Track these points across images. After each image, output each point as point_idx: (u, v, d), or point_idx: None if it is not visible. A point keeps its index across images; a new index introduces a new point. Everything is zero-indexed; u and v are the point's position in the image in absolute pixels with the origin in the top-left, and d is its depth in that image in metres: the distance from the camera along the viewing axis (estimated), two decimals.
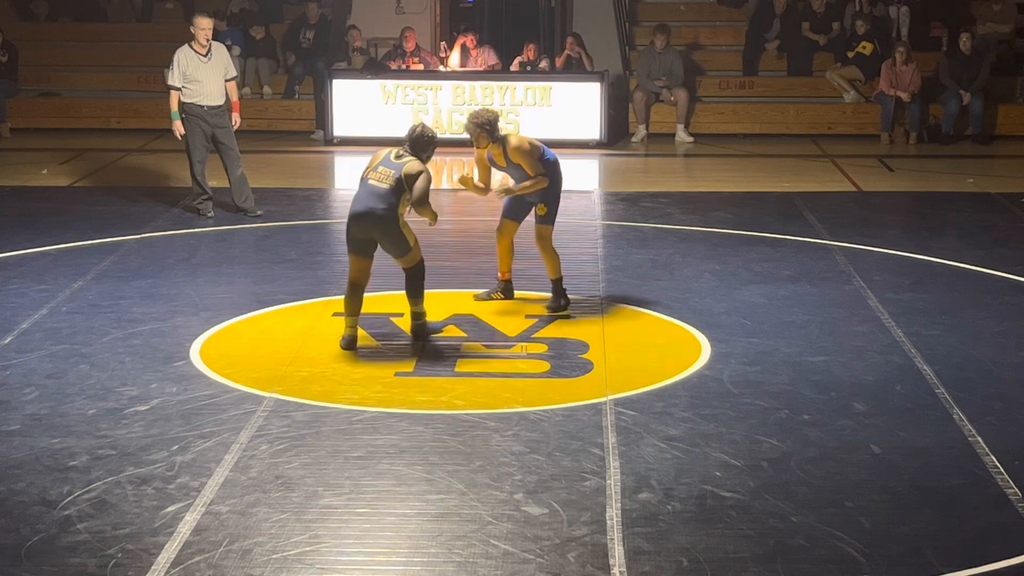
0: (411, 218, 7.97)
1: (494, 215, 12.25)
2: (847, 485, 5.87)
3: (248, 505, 5.61)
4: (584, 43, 16.98)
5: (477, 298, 8.81)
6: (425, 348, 7.83)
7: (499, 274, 8.84)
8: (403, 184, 7.75)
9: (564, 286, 8.60)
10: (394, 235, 7.82)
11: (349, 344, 7.82)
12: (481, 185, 8.67)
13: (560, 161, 8.61)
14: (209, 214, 11.58)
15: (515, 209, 8.69)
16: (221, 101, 11.55)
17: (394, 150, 7.90)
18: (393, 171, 7.79)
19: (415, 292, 8.01)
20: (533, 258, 10.08)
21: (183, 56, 11.40)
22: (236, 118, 11.74)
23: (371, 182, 7.80)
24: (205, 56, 11.43)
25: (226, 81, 11.58)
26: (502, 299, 8.79)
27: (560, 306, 8.54)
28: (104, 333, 8.07)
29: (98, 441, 6.32)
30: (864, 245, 10.48)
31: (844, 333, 8.15)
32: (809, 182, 13.65)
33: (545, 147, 8.56)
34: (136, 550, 5.19)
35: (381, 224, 7.76)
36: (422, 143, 7.88)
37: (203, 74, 11.40)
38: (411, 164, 7.81)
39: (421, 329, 8.04)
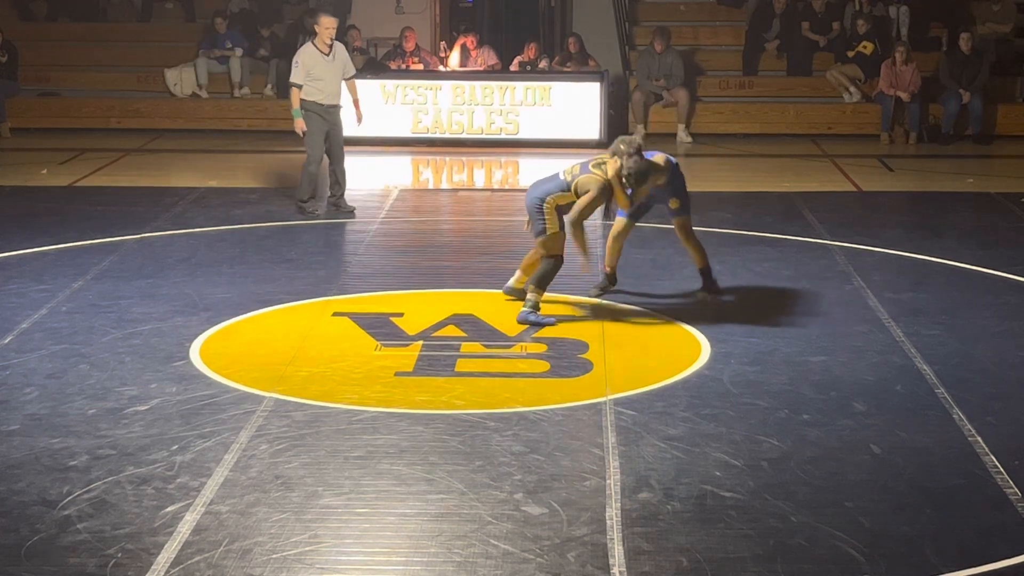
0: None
1: (493, 215, 12.31)
2: (847, 485, 5.87)
3: (248, 505, 5.61)
4: (584, 43, 16.96)
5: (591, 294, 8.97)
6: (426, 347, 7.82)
7: (605, 267, 9.06)
8: (571, 188, 8.30)
9: (713, 277, 8.92)
10: (534, 214, 8.36)
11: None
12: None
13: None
14: (317, 213, 11.56)
15: (635, 212, 8.89)
16: (338, 101, 11.53)
17: (597, 158, 8.40)
18: (579, 171, 8.32)
19: (538, 280, 8.36)
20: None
21: (307, 55, 11.38)
22: (360, 114, 11.70)
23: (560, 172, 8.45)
24: (328, 55, 11.42)
25: (345, 80, 11.59)
26: (601, 293, 8.96)
27: (711, 291, 8.81)
28: (104, 333, 8.07)
29: (98, 441, 6.32)
30: (864, 245, 10.47)
31: (844, 333, 8.15)
32: (809, 182, 13.65)
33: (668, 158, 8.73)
34: (136, 550, 5.19)
35: (527, 205, 8.42)
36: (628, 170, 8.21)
37: (326, 73, 11.39)
38: (586, 178, 8.28)
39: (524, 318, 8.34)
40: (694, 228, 8.94)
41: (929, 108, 16.29)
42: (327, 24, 11.42)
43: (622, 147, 8.23)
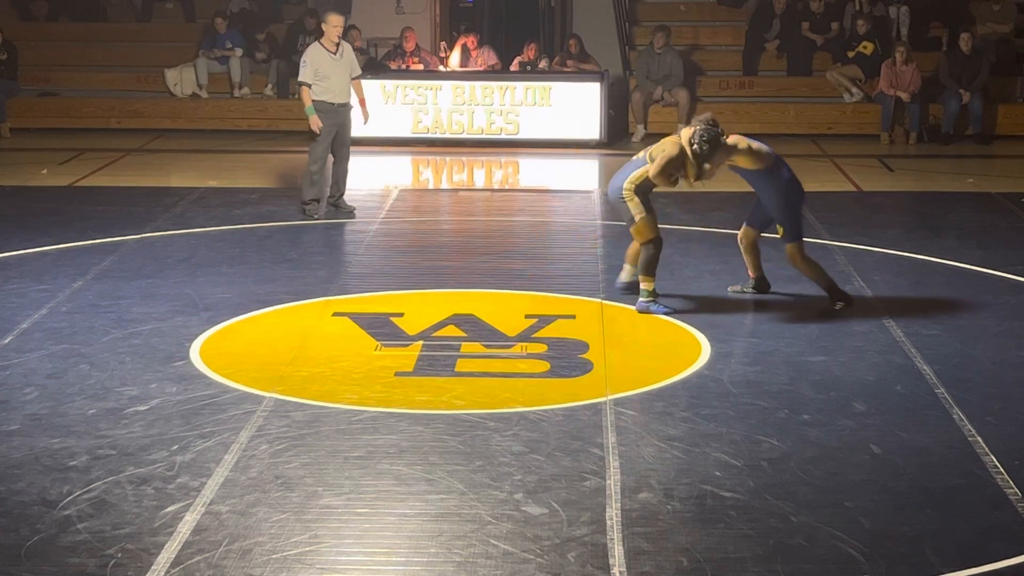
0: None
1: (493, 215, 12.31)
2: (847, 485, 5.87)
3: (248, 505, 5.61)
4: (584, 44, 16.96)
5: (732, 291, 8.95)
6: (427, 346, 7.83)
7: (750, 273, 8.92)
8: (647, 161, 8.40)
9: (839, 288, 8.67)
10: (618, 205, 8.51)
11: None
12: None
13: (787, 177, 8.56)
14: (316, 216, 11.53)
15: (755, 216, 8.78)
16: (347, 99, 11.57)
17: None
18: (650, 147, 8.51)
19: (643, 268, 8.52)
20: (529, 257, 10.10)
21: (314, 53, 11.41)
22: (366, 113, 11.73)
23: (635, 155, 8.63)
24: (335, 54, 11.45)
25: (352, 79, 11.60)
26: (754, 293, 8.88)
27: (840, 302, 8.58)
28: (104, 333, 8.07)
29: (98, 441, 6.31)
30: (864, 245, 10.47)
31: (844, 333, 8.15)
32: (809, 182, 13.55)
33: (775, 159, 8.56)
34: (136, 550, 5.19)
35: (610, 198, 8.58)
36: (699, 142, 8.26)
37: (333, 71, 11.42)
38: (660, 143, 8.44)
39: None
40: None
41: (929, 108, 16.28)
42: (334, 22, 11.45)
43: (698, 118, 8.37)
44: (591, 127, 15.68)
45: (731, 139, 8.41)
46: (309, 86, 11.35)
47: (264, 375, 7.27)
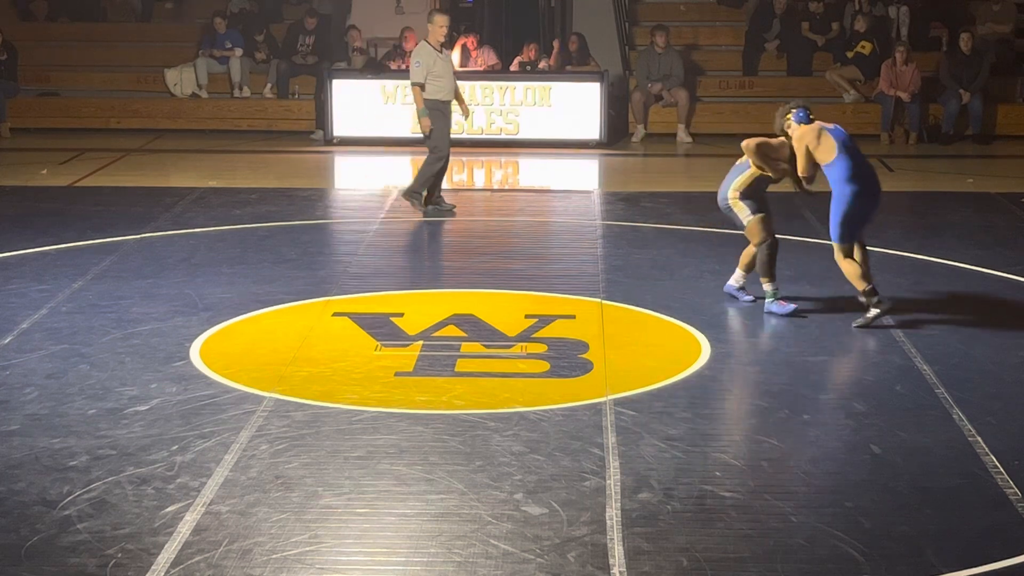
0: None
1: (493, 215, 12.31)
2: (847, 485, 5.87)
3: (248, 505, 5.61)
4: (587, 43, 16.96)
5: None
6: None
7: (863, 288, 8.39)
8: (751, 164, 8.46)
9: (875, 292, 8.22)
10: (728, 212, 8.64)
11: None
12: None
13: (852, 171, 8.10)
14: (451, 209, 11.82)
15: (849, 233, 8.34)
16: (452, 97, 11.75)
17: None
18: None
19: (760, 269, 8.53)
20: (529, 257, 10.10)
21: (426, 53, 11.52)
22: (466, 108, 12.01)
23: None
24: (441, 53, 11.59)
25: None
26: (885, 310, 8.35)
27: (874, 308, 8.18)
28: (104, 333, 8.07)
29: (98, 441, 6.31)
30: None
31: (844, 333, 8.16)
32: None
33: (839, 155, 8.11)
34: (136, 550, 5.19)
35: (720, 208, 8.67)
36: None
37: (444, 70, 11.59)
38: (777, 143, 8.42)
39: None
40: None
41: (929, 108, 16.29)
42: (441, 22, 11.63)
43: (785, 108, 8.33)
44: (591, 127, 15.69)
45: (805, 129, 8.20)
46: (423, 87, 11.45)
47: (264, 375, 7.27)
